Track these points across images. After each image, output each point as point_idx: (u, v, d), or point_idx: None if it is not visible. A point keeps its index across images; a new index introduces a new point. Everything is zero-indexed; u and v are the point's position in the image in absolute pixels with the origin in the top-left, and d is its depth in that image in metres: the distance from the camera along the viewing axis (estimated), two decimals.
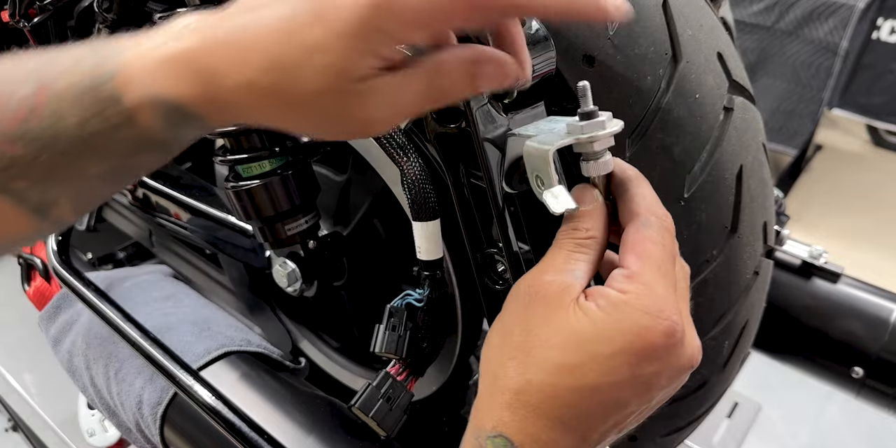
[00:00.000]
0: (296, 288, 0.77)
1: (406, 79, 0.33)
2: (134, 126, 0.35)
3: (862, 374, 0.85)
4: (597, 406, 0.35)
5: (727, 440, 1.10)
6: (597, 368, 0.35)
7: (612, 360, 0.35)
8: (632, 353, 0.35)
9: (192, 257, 1.10)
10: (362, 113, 0.33)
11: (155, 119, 0.35)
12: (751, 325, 0.63)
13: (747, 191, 0.54)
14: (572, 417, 0.35)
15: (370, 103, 0.33)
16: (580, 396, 0.35)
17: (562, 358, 0.35)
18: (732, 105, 0.53)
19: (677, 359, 0.36)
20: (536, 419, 0.35)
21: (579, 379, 0.35)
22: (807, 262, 0.91)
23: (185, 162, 1.11)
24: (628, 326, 0.35)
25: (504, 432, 0.36)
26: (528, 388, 0.35)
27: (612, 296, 0.36)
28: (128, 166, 0.38)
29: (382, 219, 0.80)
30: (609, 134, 0.38)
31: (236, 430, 0.64)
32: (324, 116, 0.34)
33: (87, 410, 1.12)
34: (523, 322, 0.37)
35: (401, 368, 0.58)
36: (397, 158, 0.54)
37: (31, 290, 1.01)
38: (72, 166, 0.36)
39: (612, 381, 0.35)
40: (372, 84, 0.32)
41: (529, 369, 0.36)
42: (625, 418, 0.37)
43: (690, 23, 0.51)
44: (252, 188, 0.67)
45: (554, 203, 0.38)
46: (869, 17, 2.17)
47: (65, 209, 0.39)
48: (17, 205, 0.37)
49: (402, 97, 0.33)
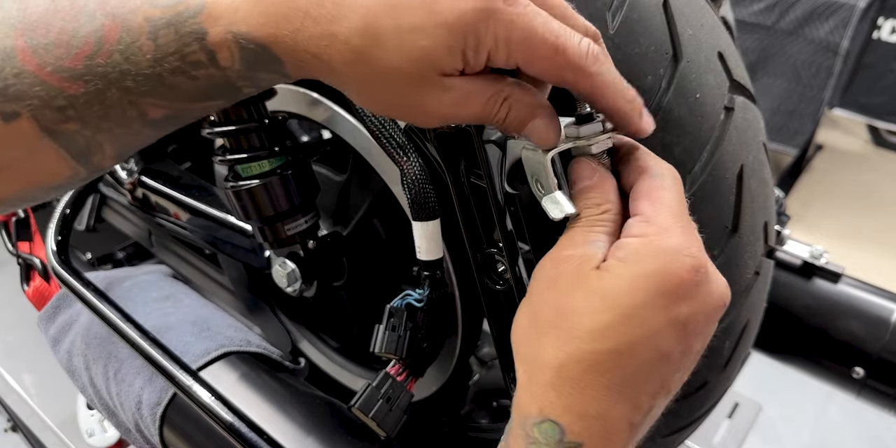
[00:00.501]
0: (295, 288, 0.77)
1: (476, 87, 0.34)
2: (212, 65, 0.35)
3: (863, 374, 0.85)
4: (641, 364, 0.34)
5: (728, 440, 1.09)
6: (631, 322, 0.33)
7: (644, 310, 0.33)
8: (662, 295, 0.33)
9: (192, 257, 1.10)
10: (426, 103, 0.34)
11: (235, 59, 0.34)
12: (751, 325, 0.63)
13: (748, 191, 0.54)
14: (619, 382, 0.34)
15: (440, 97, 0.34)
16: (622, 356, 0.33)
17: (594, 322, 0.34)
18: (733, 105, 0.52)
19: (709, 295, 0.35)
20: (583, 393, 0.34)
21: (617, 338, 0.33)
22: (807, 262, 0.91)
23: (185, 162, 1.11)
24: (653, 269, 0.34)
25: (550, 416, 0.34)
26: (568, 362, 0.34)
27: (631, 243, 0.35)
28: (185, 112, 0.38)
29: (382, 219, 0.80)
30: (607, 137, 0.38)
31: (235, 430, 0.64)
32: (392, 94, 0.34)
33: (87, 411, 1.12)
34: (550, 298, 0.36)
35: (401, 369, 0.58)
36: (397, 158, 0.54)
37: (31, 290, 1.01)
38: (131, 109, 0.36)
39: (650, 332, 0.33)
40: (449, 81, 0.34)
41: (565, 342, 0.34)
42: (671, 374, 0.35)
43: (691, 22, 0.50)
44: (251, 188, 0.67)
45: (553, 208, 0.38)
46: (869, 16, 2.17)
47: (107, 155, 0.39)
48: (62, 149, 0.37)
49: (465, 102, 0.35)
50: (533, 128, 0.36)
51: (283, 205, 0.69)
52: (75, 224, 0.95)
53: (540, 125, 0.36)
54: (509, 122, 0.36)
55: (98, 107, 0.35)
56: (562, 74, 0.34)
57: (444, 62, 0.33)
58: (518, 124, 0.36)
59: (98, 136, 0.37)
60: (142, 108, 0.36)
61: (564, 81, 0.35)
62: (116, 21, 0.34)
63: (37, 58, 0.34)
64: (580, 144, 0.38)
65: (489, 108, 0.35)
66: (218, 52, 0.34)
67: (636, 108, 0.37)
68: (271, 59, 0.35)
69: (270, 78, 0.37)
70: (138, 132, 0.38)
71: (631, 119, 0.37)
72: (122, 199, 1.05)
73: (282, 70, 0.36)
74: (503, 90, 0.35)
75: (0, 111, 0.35)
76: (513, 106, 0.35)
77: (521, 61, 0.33)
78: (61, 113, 0.35)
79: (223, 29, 0.34)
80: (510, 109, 0.35)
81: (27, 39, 0.34)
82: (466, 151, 0.48)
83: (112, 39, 0.34)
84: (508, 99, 0.35)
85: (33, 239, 1.06)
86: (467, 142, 0.45)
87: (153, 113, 0.37)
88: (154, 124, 0.38)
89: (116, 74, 0.34)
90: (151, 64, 0.34)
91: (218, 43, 0.34)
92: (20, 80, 0.34)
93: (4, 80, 0.34)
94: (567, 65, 0.33)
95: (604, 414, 0.34)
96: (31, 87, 0.34)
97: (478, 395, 0.89)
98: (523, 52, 0.33)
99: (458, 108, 0.35)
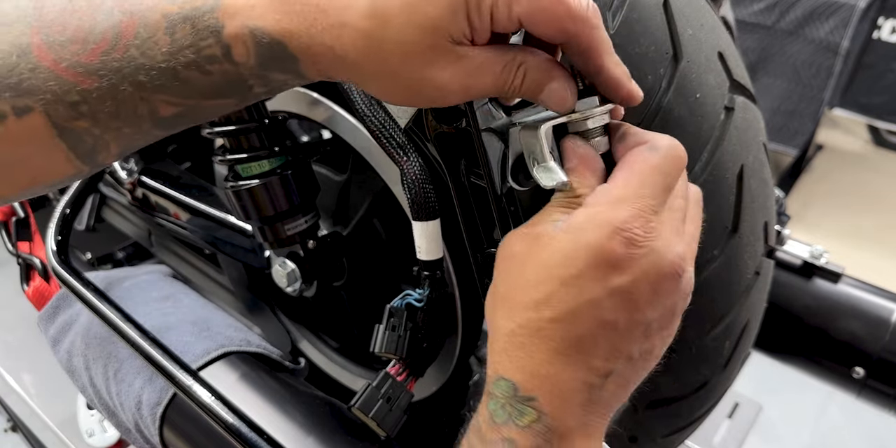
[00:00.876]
0: (295, 288, 0.77)
1: (489, 56, 0.35)
2: (227, 60, 0.35)
3: (863, 374, 0.85)
4: (585, 330, 0.35)
5: (728, 440, 1.09)
6: (569, 292, 0.35)
7: (581, 280, 0.35)
8: (596, 267, 0.35)
9: (192, 257, 1.10)
10: (442, 76, 0.35)
11: (251, 54, 0.35)
12: (752, 325, 0.63)
13: (748, 191, 0.54)
14: (566, 347, 0.35)
15: (454, 67, 0.34)
16: (564, 323, 0.35)
17: (537, 291, 0.36)
18: (733, 105, 0.52)
19: (651, 266, 0.35)
20: (531, 356, 0.36)
21: (558, 306, 0.35)
22: (808, 262, 0.90)
23: (185, 162, 1.11)
24: (588, 241, 0.35)
25: (504, 375, 0.37)
26: (516, 329, 0.36)
27: (577, 214, 0.36)
28: (196, 110, 0.38)
29: (382, 219, 0.80)
30: (603, 111, 0.38)
31: (235, 430, 0.64)
32: (408, 72, 0.35)
33: (87, 411, 1.12)
34: (505, 272, 0.39)
35: (401, 369, 0.58)
36: (397, 158, 0.54)
37: (31, 290, 1.01)
38: (142, 106, 0.36)
39: (588, 301, 0.35)
40: (462, 50, 0.34)
41: (513, 312, 0.37)
42: (624, 340, 0.36)
43: (691, 22, 0.50)
44: (251, 188, 0.67)
45: (545, 177, 0.38)
46: (870, 16, 2.17)
47: (111, 154, 0.39)
48: (69, 149, 0.37)
49: (479, 72, 0.35)
50: (550, 91, 0.37)
51: (283, 205, 0.69)
52: (75, 224, 0.95)
53: (557, 88, 0.36)
54: (526, 87, 0.36)
55: (110, 102, 0.36)
56: (564, 25, 0.34)
57: (452, 26, 0.33)
58: (535, 88, 0.36)
59: (107, 134, 0.38)
60: (153, 105, 0.37)
61: (566, 32, 0.35)
62: (134, 17, 0.35)
63: (52, 53, 0.35)
64: (575, 118, 0.38)
65: (505, 76, 0.36)
66: (233, 46, 0.35)
67: (625, 71, 0.38)
68: (287, 57, 0.35)
69: (284, 79, 0.37)
70: (147, 132, 0.39)
71: (620, 81, 0.37)
72: (122, 199, 1.05)
73: (298, 69, 0.36)
74: (517, 57, 0.36)
75: (13, 106, 0.35)
76: (528, 71, 0.36)
77: (523, 15, 0.34)
78: (74, 109, 0.36)
79: (240, 24, 0.34)
80: (525, 74, 0.36)
81: (43, 36, 0.35)
82: (466, 151, 0.48)
83: (129, 35, 0.35)
84: (523, 65, 0.36)
85: (33, 239, 1.06)
86: (467, 142, 0.45)
87: (164, 110, 0.37)
88: (163, 123, 0.38)
89: (131, 69, 0.35)
90: (166, 58, 0.35)
91: (234, 37, 0.35)
92: (35, 74, 0.35)
93: (19, 75, 0.35)
94: (569, 14, 0.34)
95: (554, 374, 0.36)
96: (45, 82, 0.35)
97: (478, 395, 0.89)
98: (525, 3, 0.33)
99: (474, 78, 0.35)
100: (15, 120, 0.35)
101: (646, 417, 0.61)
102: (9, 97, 0.35)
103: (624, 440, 0.64)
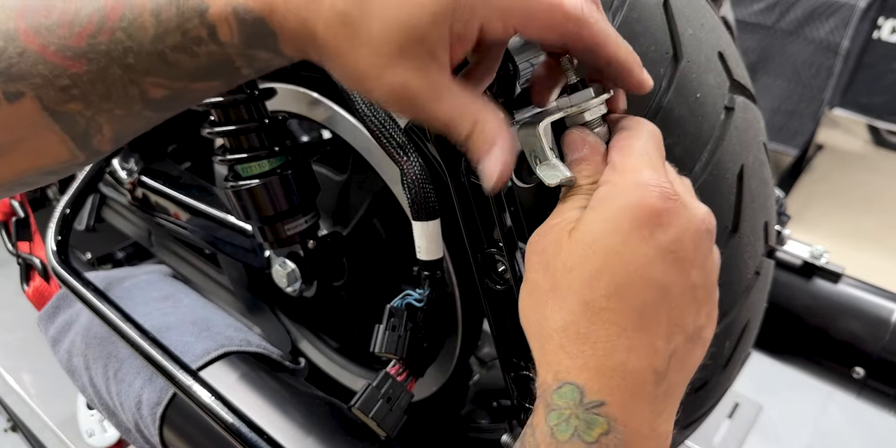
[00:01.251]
0: (295, 288, 0.77)
1: (453, 94, 0.34)
2: (212, 41, 0.35)
3: (863, 374, 0.85)
4: (642, 302, 0.33)
5: (728, 441, 1.09)
6: (619, 260, 0.33)
7: (627, 245, 0.33)
8: (639, 227, 0.33)
9: (192, 257, 1.10)
10: (397, 81, 0.33)
11: (234, 33, 0.35)
12: (752, 325, 0.63)
13: (748, 190, 0.54)
14: (626, 327, 0.33)
15: (410, 79, 0.33)
16: (621, 297, 0.33)
17: (583, 271, 0.34)
18: (733, 104, 0.52)
19: (689, 220, 0.35)
20: (594, 347, 0.33)
21: (610, 279, 0.33)
22: (808, 262, 0.91)
23: (185, 162, 1.11)
24: (622, 204, 0.34)
25: (567, 379, 0.33)
26: (571, 318, 0.33)
27: (599, 191, 0.36)
28: (186, 93, 0.38)
29: (382, 219, 0.80)
30: (599, 102, 0.38)
31: (235, 430, 0.64)
32: (367, 66, 0.33)
33: (87, 411, 1.12)
34: (542, 267, 0.36)
35: (401, 369, 0.58)
36: (397, 158, 0.54)
37: (30, 289, 1.01)
38: (132, 88, 0.36)
39: (640, 265, 0.33)
40: (431, 67, 0.33)
41: (563, 301, 0.34)
42: (679, 308, 0.35)
43: (691, 22, 0.50)
44: (251, 188, 0.67)
45: (548, 175, 0.38)
46: (870, 16, 2.17)
47: (105, 139, 0.39)
48: (63, 131, 0.37)
49: (435, 99, 0.34)
50: (488, 159, 0.36)
51: (283, 205, 0.69)
52: (75, 224, 0.95)
53: (494, 158, 0.35)
54: (471, 144, 0.36)
55: (100, 85, 0.36)
56: (562, 28, 0.34)
57: (430, 34, 0.32)
58: (477, 150, 0.36)
59: (99, 116, 0.37)
60: (143, 87, 0.37)
61: (566, 34, 0.34)
62: (119, 1, 0.35)
63: (39, 38, 0.35)
64: (572, 112, 0.38)
65: (456, 121, 0.35)
66: (218, 26, 0.34)
67: (636, 59, 0.37)
68: (267, 33, 0.35)
69: (267, 58, 0.37)
70: (138, 114, 0.38)
71: (632, 69, 0.37)
72: (122, 198, 1.05)
73: (276, 46, 0.36)
74: (477, 112, 0.35)
75: (4, 91, 0.35)
76: (477, 131, 0.35)
77: (519, 26, 0.33)
78: (65, 92, 0.36)
79: (223, 2, 0.34)
80: (473, 132, 0.35)
81: (29, 21, 0.35)
82: None
83: (114, 17, 0.34)
84: (478, 123, 0.35)
85: (33, 239, 1.06)
86: None
87: (154, 92, 0.37)
88: (155, 105, 0.38)
89: (119, 52, 0.35)
90: (153, 40, 0.35)
91: (218, 16, 0.34)
92: (23, 58, 0.35)
93: (8, 60, 0.35)
94: (566, 17, 0.33)
95: (621, 365, 0.33)
96: (34, 66, 0.35)
97: (478, 395, 0.89)
98: (520, 12, 0.33)
99: (428, 102, 0.34)
100: (7, 105, 0.35)
101: None
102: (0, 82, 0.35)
103: None
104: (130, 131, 0.41)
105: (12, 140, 0.37)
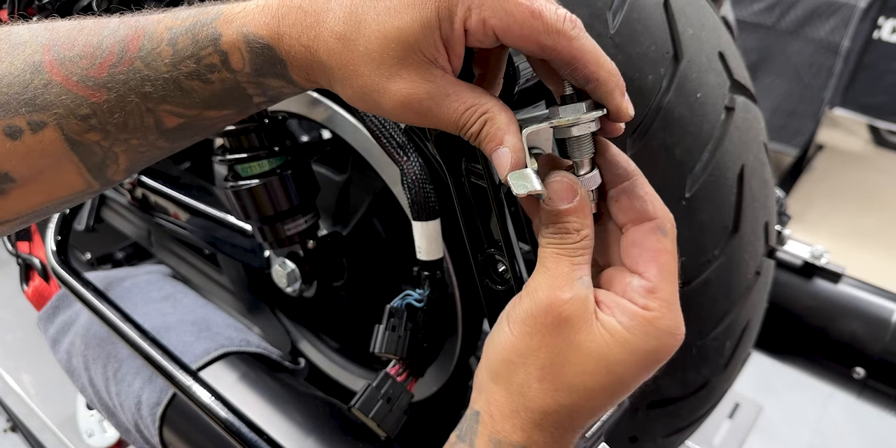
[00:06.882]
0: (295, 288, 0.77)
1: (458, 91, 0.35)
2: (225, 68, 0.37)
3: (863, 374, 0.85)
4: (606, 407, 0.38)
5: (728, 441, 1.09)
6: (622, 386, 0.37)
7: (636, 379, 0.37)
8: (652, 368, 0.37)
9: (191, 257, 1.10)
10: (402, 91, 0.35)
11: (245, 61, 0.37)
12: (752, 325, 0.63)
13: (749, 190, 0.54)
14: (587, 422, 0.38)
15: (416, 86, 0.35)
16: (603, 407, 0.38)
17: (594, 382, 0.36)
18: (734, 104, 0.52)
19: (676, 347, 0.38)
20: (563, 435, 0.38)
21: (607, 398, 0.37)
22: (808, 263, 0.90)
23: (185, 162, 1.11)
24: (654, 346, 0.36)
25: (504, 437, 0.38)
26: (560, 410, 0.37)
27: (638, 314, 0.36)
28: (200, 121, 0.40)
29: (382, 219, 0.80)
30: (589, 118, 0.37)
31: (235, 430, 0.64)
32: (372, 82, 0.35)
33: (86, 411, 1.12)
34: (550, 344, 0.37)
35: (401, 369, 0.58)
36: (397, 158, 0.54)
37: (30, 290, 1.01)
38: (148, 117, 0.39)
39: (629, 390, 0.37)
40: (433, 71, 0.35)
41: (561, 393, 0.37)
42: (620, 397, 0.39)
43: (692, 22, 0.50)
44: (251, 188, 0.67)
45: (518, 185, 0.36)
46: (870, 16, 2.17)
47: (120, 169, 0.41)
48: (81, 161, 0.40)
49: (442, 101, 0.35)
50: (501, 152, 0.36)
51: (283, 205, 0.69)
52: (75, 224, 0.95)
53: (503, 153, 0.36)
54: (481, 138, 0.36)
55: (118, 114, 0.38)
56: (540, 39, 0.34)
57: (423, 42, 0.34)
58: (488, 143, 0.36)
59: (116, 146, 0.40)
60: (158, 116, 0.39)
61: (544, 46, 0.34)
62: (139, 31, 0.37)
63: (63, 69, 0.37)
64: (561, 124, 0.37)
65: (465, 118, 0.36)
66: (230, 53, 0.37)
67: (618, 83, 0.36)
68: (277, 60, 0.37)
69: (279, 86, 0.39)
70: (153, 143, 0.40)
71: (612, 93, 0.36)
72: (122, 199, 1.05)
73: (286, 74, 0.37)
74: (485, 105, 0.36)
75: (28, 122, 0.37)
76: (488, 123, 0.36)
77: (498, 30, 0.33)
78: (85, 121, 0.38)
79: (235, 31, 0.36)
80: (484, 126, 0.36)
81: (54, 53, 0.37)
82: (466, 151, 0.48)
83: (134, 48, 0.37)
84: (486, 115, 0.36)
85: (33, 239, 1.06)
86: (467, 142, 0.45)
87: (168, 121, 0.39)
88: (169, 134, 0.40)
89: (137, 81, 0.37)
90: (169, 68, 0.37)
91: (230, 44, 0.36)
92: (48, 90, 0.37)
93: (34, 91, 0.37)
94: (545, 28, 0.33)
95: (569, 443, 0.39)
96: (57, 97, 0.37)
97: None
98: (500, 17, 0.33)
99: (435, 105, 0.35)
100: (31, 135, 0.38)
101: (646, 418, 0.61)
102: (25, 112, 0.37)
103: (624, 440, 0.64)
104: (144, 161, 0.42)
105: (33, 172, 0.39)
